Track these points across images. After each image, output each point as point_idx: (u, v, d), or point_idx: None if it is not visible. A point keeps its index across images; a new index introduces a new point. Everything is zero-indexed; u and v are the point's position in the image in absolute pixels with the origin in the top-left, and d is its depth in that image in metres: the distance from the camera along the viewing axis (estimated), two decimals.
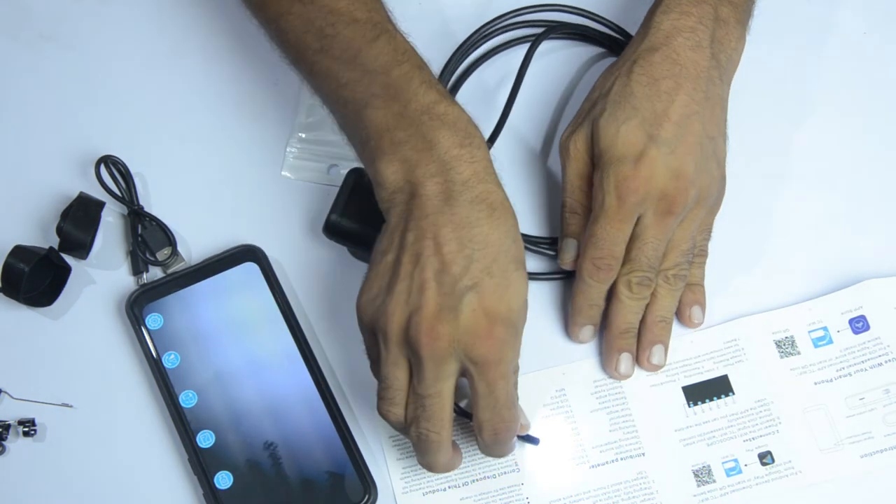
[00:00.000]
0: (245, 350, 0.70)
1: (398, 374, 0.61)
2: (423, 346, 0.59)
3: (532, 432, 0.68)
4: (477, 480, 0.69)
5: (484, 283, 0.59)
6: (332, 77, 0.65)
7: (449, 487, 0.68)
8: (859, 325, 0.71)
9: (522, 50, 0.76)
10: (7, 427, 0.69)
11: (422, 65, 0.64)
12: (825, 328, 0.71)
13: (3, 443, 0.69)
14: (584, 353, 0.71)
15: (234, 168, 0.76)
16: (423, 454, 0.63)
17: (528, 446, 0.68)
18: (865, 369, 0.70)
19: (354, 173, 0.69)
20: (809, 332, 0.71)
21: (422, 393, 0.60)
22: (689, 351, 0.71)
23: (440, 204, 0.60)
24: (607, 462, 0.69)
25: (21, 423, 0.69)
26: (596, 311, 0.70)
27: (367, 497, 0.67)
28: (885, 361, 0.70)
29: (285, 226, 0.74)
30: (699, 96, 0.68)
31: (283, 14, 0.66)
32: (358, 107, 0.64)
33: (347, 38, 0.64)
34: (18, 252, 0.69)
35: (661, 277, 0.69)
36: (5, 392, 0.70)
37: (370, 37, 0.64)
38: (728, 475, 0.68)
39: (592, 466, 0.69)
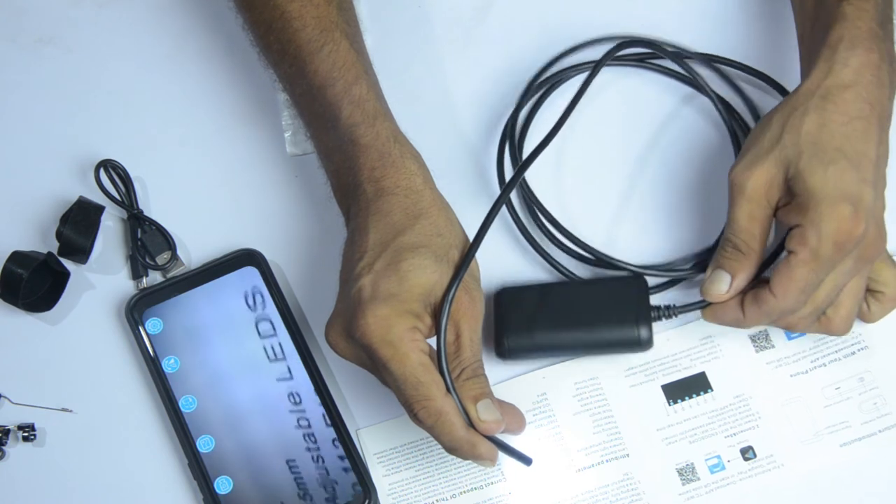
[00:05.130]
0: (245, 354, 0.63)
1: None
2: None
3: (521, 446, 0.58)
4: (464, 492, 0.61)
5: (374, 268, 0.55)
6: (288, 85, 0.61)
7: (437, 501, 0.61)
8: None
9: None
10: (7, 432, 0.62)
11: (357, 78, 0.58)
12: None
13: (3, 448, 0.62)
14: (563, 355, 0.63)
15: (233, 172, 0.68)
16: (437, 435, 0.54)
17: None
18: (839, 359, 0.63)
19: (503, 293, 0.62)
20: None
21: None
22: (665, 349, 0.63)
23: (360, 234, 0.56)
24: (593, 465, 0.62)
25: (21, 427, 0.62)
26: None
27: (366, 501, 0.60)
28: (858, 350, 0.63)
29: (284, 230, 0.66)
30: (885, 137, 0.57)
31: (248, 8, 0.61)
32: (305, 122, 0.61)
33: (297, 45, 0.58)
34: (17, 257, 0.63)
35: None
36: (5, 397, 0.63)
37: (315, 47, 0.58)
38: (712, 472, 0.61)
39: (578, 470, 0.62)
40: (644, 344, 0.61)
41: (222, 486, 0.60)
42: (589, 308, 0.60)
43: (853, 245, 0.55)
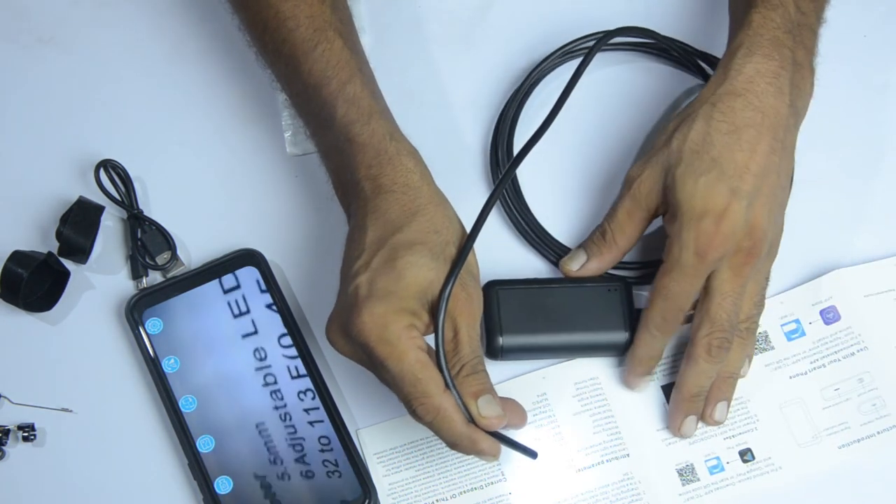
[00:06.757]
0: (244, 354, 0.62)
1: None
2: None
3: (524, 440, 0.58)
4: (464, 492, 0.61)
5: (371, 266, 0.54)
6: (285, 85, 0.61)
7: (437, 501, 0.61)
8: (830, 315, 0.64)
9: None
10: (7, 432, 0.61)
11: (351, 76, 0.58)
12: (797, 321, 0.64)
13: (3, 448, 0.61)
14: (551, 357, 0.63)
15: (233, 171, 0.67)
16: (437, 431, 0.54)
17: (518, 456, 0.57)
18: (839, 359, 0.63)
19: (491, 287, 0.61)
20: (782, 325, 0.64)
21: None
22: (665, 350, 0.62)
23: (359, 232, 0.56)
24: (593, 465, 0.61)
25: (21, 427, 0.61)
26: (655, 364, 0.61)
27: (366, 501, 0.60)
28: (858, 350, 0.63)
29: (284, 229, 0.66)
30: (777, 146, 0.57)
31: (243, 8, 0.61)
32: (303, 121, 0.61)
33: (292, 45, 0.58)
34: (17, 257, 0.62)
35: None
36: (5, 397, 0.62)
37: (309, 46, 0.58)
38: (711, 473, 0.61)
39: (579, 470, 0.61)
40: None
41: (222, 485, 0.59)
42: (577, 311, 0.61)
43: (718, 255, 0.56)
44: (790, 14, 0.58)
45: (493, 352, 0.61)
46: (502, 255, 0.64)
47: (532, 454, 0.55)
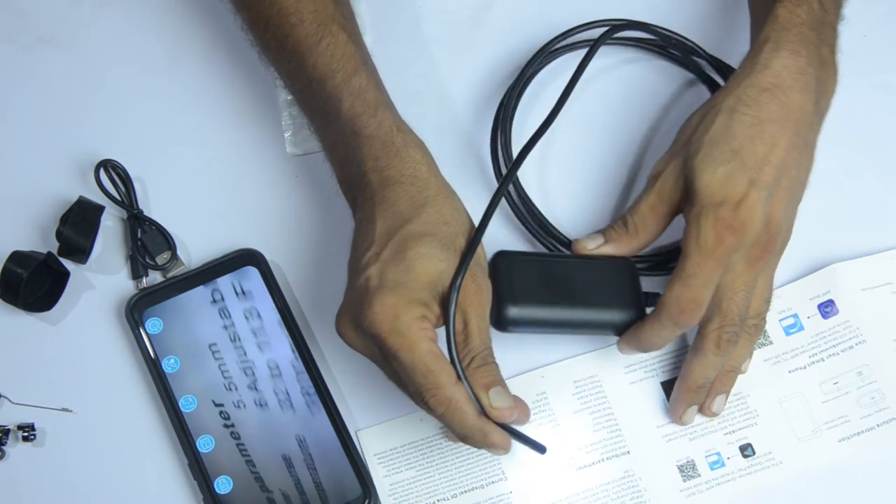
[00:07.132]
0: (245, 354, 0.62)
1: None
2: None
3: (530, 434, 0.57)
4: (465, 492, 0.61)
5: (381, 257, 0.54)
6: (288, 81, 0.60)
7: (438, 501, 0.61)
8: (828, 309, 0.63)
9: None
10: (7, 432, 0.61)
11: (357, 69, 0.58)
12: (795, 315, 0.63)
13: (3, 447, 0.61)
14: (562, 354, 0.63)
15: (233, 171, 0.67)
16: (448, 423, 0.53)
17: (522, 452, 0.56)
18: (837, 353, 0.63)
19: (500, 258, 0.59)
20: (780, 320, 0.63)
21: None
22: (665, 346, 0.62)
23: (367, 224, 0.55)
24: (593, 463, 0.61)
25: (20, 427, 0.61)
26: (655, 350, 0.60)
27: (366, 501, 0.59)
28: (856, 344, 0.63)
29: (284, 230, 0.66)
30: (800, 142, 0.57)
31: (245, 8, 0.61)
32: (307, 117, 0.60)
33: (295, 40, 0.58)
34: (17, 257, 0.62)
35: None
36: (5, 397, 0.62)
37: (313, 41, 0.58)
38: (712, 468, 0.61)
39: (579, 468, 0.61)
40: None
41: (222, 485, 0.59)
42: (586, 287, 0.59)
43: (735, 241, 0.55)
44: (815, 10, 0.58)
45: (501, 322, 0.58)
46: (508, 244, 0.64)
47: (541, 449, 0.55)
